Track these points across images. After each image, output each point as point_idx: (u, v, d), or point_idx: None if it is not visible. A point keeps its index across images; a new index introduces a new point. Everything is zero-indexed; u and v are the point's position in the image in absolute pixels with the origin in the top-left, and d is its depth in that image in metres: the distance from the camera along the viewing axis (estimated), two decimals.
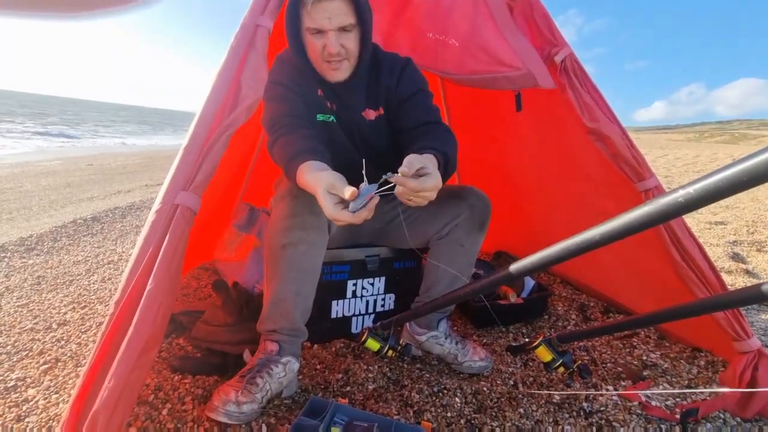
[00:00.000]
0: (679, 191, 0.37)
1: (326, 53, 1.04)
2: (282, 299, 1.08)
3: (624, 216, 0.43)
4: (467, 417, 1.08)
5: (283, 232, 1.05)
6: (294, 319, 1.10)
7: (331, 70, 1.08)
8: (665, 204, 0.39)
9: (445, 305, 0.99)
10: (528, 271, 0.61)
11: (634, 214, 0.42)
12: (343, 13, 1.00)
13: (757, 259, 2.57)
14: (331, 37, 1.02)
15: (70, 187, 4.73)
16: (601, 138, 1.20)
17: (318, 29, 1.01)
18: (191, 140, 0.89)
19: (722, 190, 0.34)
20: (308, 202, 1.02)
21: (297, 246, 1.05)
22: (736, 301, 0.72)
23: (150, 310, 0.73)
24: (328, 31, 1.01)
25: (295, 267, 1.07)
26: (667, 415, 1.08)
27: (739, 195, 4.94)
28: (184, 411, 1.03)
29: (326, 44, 1.02)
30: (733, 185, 0.33)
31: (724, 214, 3.90)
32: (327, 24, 1.00)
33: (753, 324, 1.64)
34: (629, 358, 1.36)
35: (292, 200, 1.05)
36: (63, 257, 2.23)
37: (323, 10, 0.98)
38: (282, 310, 1.09)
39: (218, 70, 0.96)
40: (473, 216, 1.22)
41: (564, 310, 1.71)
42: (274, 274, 1.08)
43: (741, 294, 0.66)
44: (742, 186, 0.33)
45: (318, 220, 1.05)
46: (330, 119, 1.18)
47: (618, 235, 0.44)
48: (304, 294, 1.10)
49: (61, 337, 1.39)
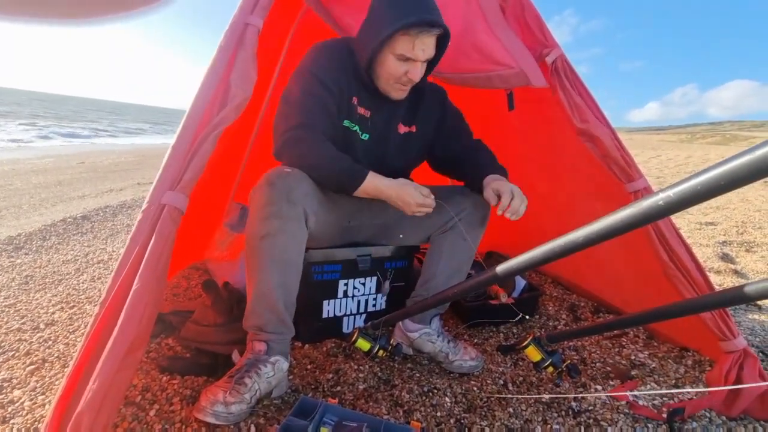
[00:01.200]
0: (660, 194, 0.38)
1: (407, 79, 1.12)
2: (264, 292, 1.07)
3: (606, 218, 0.43)
4: (457, 417, 1.08)
5: (260, 222, 1.04)
6: (279, 312, 1.08)
7: (399, 91, 1.18)
8: (647, 207, 0.39)
9: (434, 305, 0.99)
10: (515, 271, 0.61)
11: (617, 217, 0.42)
12: (433, 46, 1.10)
13: (745, 259, 2.61)
14: (419, 67, 1.11)
15: (61, 185, 4.67)
16: (591, 139, 1.21)
17: (409, 58, 1.09)
18: (179, 140, 0.88)
19: (700, 194, 0.35)
20: (285, 190, 1.04)
21: (276, 236, 1.04)
22: (722, 302, 0.73)
23: (136, 311, 0.72)
24: (418, 61, 1.09)
25: (275, 258, 1.06)
26: (654, 414, 1.09)
27: (728, 196, 5.03)
28: (172, 412, 1.02)
29: (411, 71, 1.11)
30: (711, 189, 0.33)
31: (714, 214, 3.95)
32: (421, 55, 1.08)
33: (740, 324, 1.66)
34: (618, 358, 1.37)
35: (268, 188, 1.04)
36: (52, 256, 2.20)
37: (424, 43, 1.07)
38: (266, 303, 1.07)
39: (207, 69, 0.95)
40: (476, 211, 1.28)
41: (554, 310, 1.72)
42: (254, 266, 1.07)
43: (726, 294, 0.67)
44: (720, 190, 0.33)
45: (295, 209, 1.05)
46: (354, 128, 1.21)
47: (600, 238, 0.45)
48: (286, 286, 1.09)
49: (49, 338, 1.37)
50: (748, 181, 0.32)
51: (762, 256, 2.64)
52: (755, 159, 0.30)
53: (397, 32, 1.04)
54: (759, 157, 0.30)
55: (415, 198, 1.11)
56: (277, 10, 1.24)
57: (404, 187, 1.13)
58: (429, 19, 1.03)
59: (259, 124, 1.92)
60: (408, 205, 1.12)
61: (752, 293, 0.61)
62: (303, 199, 1.06)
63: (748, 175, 0.32)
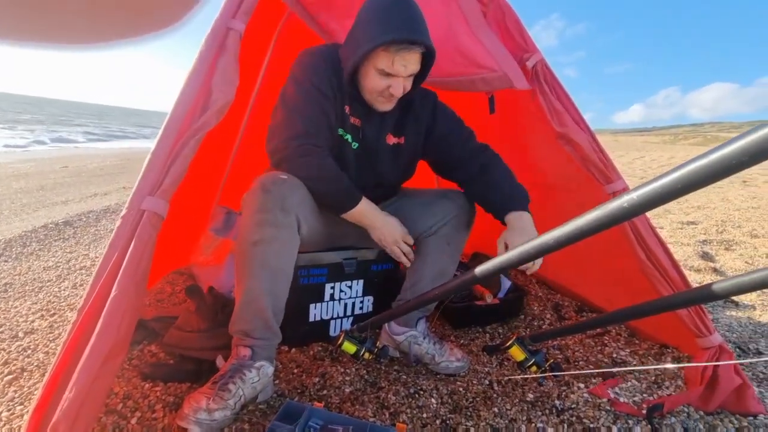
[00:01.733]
0: (624, 197, 0.39)
1: (389, 93, 1.11)
2: (253, 298, 1.06)
3: (575, 221, 0.44)
4: (442, 417, 1.09)
5: (254, 228, 1.04)
6: (266, 319, 1.08)
7: (383, 104, 1.17)
8: (612, 209, 0.40)
9: (417, 307, 1.00)
10: (493, 272, 0.62)
11: (584, 219, 0.43)
12: (416, 62, 1.09)
13: (725, 257, 2.67)
14: (400, 83, 1.10)
15: (43, 190, 4.57)
16: (570, 142, 1.23)
17: (390, 73, 1.08)
18: (159, 144, 0.88)
19: (661, 196, 0.36)
20: (280, 197, 1.04)
21: (269, 244, 1.04)
22: (696, 299, 0.75)
23: (114, 318, 0.71)
24: (399, 77, 1.08)
25: (267, 265, 1.06)
26: (634, 410, 1.11)
27: (709, 196, 5.14)
28: (155, 419, 1.00)
29: (392, 86, 1.10)
30: (670, 192, 0.35)
31: (695, 214, 4.04)
32: (402, 71, 1.07)
33: (718, 320, 1.70)
34: (600, 356, 1.40)
35: (263, 194, 1.04)
36: (32, 263, 2.16)
37: (405, 59, 1.05)
38: (254, 309, 1.07)
39: (188, 73, 0.95)
40: (461, 215, 1.29)
41: (539, 310, 1.74)
42: (244, 272, 1.06)
43: (700, 292, 0.69)
44: (678, 192, 0.35)
45: (289, 218, 1.05)
46: (347, 137, 1.21)
47: (570, 240, 0.46)
48: (275, 293, 1.09)
49: (28, 346, 1.34)
50: (704, 184, 0.33)
51: (740, 254, 2.71)
52: (709, 163, 0.32)
53: (377, 48, 1.03)
54: (713, 161, 0.31)
55: (395, 236, 1.20)
56: (260, 14, 1.24)
57: (389, 223, 1.20)
58: (410, 38, 1.02)
59: (244, 128, 1.91)
60: (387, 241, 1.21)
61: (722, 291, 0.63)
62: (297, 207, 1.06)
63: (703, 179, 0.33)
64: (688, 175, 0.33)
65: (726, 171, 0.30)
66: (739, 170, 0.30)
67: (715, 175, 0.32)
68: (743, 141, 0.29)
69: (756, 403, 1.11)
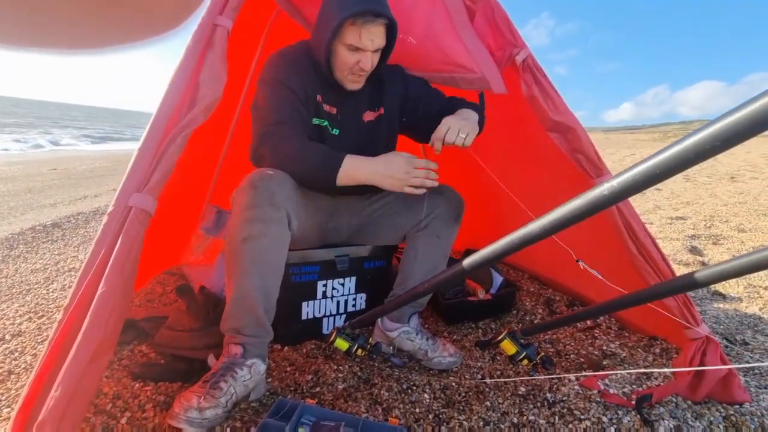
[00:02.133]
0: (605, 185, 0.40)
1: (358, 68, 1.14)
2: (244, 295, 1.06)
3: (559, 209, 0.45)
4: (435, 412, 1.10)
5: (243, 224, 1.04)
6: (258, 316, 1.07)
7: (353, 82, 1.20)
8: (593, 197, 0.41)
9: (409, 300, 1.00)
10: (480, 263, 0.63)
11: (567, 208, 0.44)
12: (381, 36, 1.13)
13: (712, 251, 2.71)
14: (368, 57, 1.13)
15: (31, 193, 4.50)
16: (566, 131, 1.23)
17: (359, 47, 1.11)
18: (146, 141, 0.87)
19: (639, 183, 0.37)
20: (269, 193, 1.04)
21: (258, 240, 1.04)
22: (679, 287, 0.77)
23: (101, 315, 0.71)
24: (367, 51, 1.12)
25: (257, 261, 1.05)
26: (624, 401, 1.12)
27: (698, 192, 5.21)
28: (145, 419, 1.00)
29: (361, 61, 1.13)
30: (648, 178, 0.35)
31: (684, 209, 4.10)
32: (369, 45, 1.11)
33: (706, 312, 1.73)
34: (591, 349, 1.41)
35: (252, 191, 1.04)
36: (20, 265, 2.12)
37: (371, 33, 1.10)
38: (245, 307, 1.06)
39: (175, 69, 0.94)
40: (450, 208, 1.30)
41: (531, 305, 1.76)
42: (235, 269, 1.06)
43: (681, 281, 0.70)
44: (656, 178, 0.35)
45: (278, 213, 1.05)
46: (324, 124, 1.23)
47: (555, 228, 0.46)
48: (267, 290, 1.09)
49: (15, 349, 1.32)
50: (679, 170, 0.34)
51: (728, 249, 2.75)
52: (683, 149, 0.32)
53: (344, 22, 1.08)
54: (686, 148, 0.32)
55: (404, 168, 1.08)
56: (248, 11, 1.23)
57: (390, 160, 1.11)
58: (373, 9, 1.07)
59: (234, 126, 1.90)
60: (398, 180, 1.09)
61: (704, 279, 0.64)
62: (286, 202, 1.06)
63: (680, 163, 0.34)
64: (665, 161, 0.34)
65: (699, 156, 0.31)
66: (712, 155, 0.31)
67: (689, 160, 0.32)
68: (714, 127, 0.30)
69: (742, 392, 1.13)
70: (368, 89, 1.28)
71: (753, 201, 4.41)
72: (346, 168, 1.10)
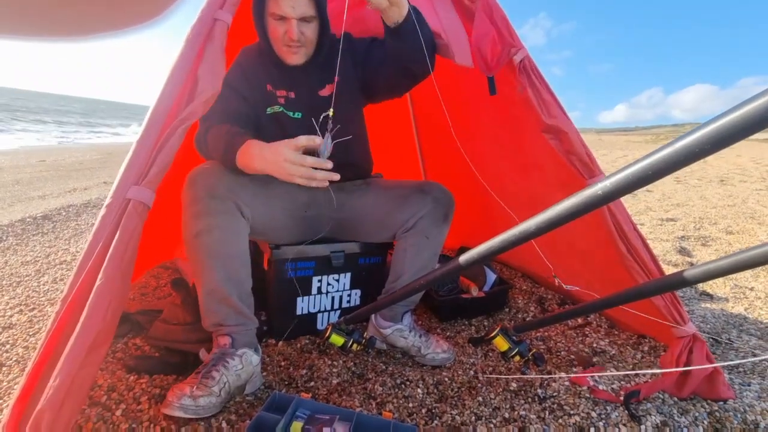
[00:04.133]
0: (598, 185, 0.41)
1: (287, 38, 1.15)
2: (213, 288, 1.07)
3: (554, 208, 0.46)
4: (428, 407, 1.11)
5: (191, 220, 1.05)
6: (234, 304, 1.08)
7: (290, 54, 1.19)
8: (587, 196, 0.42)
9: (402, 298, 1.01)
10: (475, 261, 0.64)
11: (562, 206, 0.45)
12: (305, 4, 1.12)
13: (701, 253, 2.77)
14: (293, 25, 1.13)
15: (19, 185, 4.44)
16: (559, 134, 1.25)
17: (282, 16, 1.12)
18: (145, 134, 0.87)
19: (632, 183, 0.38)
20: (208, 187, 1.05)
21: (210, 233, 1.05)
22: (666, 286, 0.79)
23: (99, 306, 0.71)
24: (291, 18, 1.12)
25: (214, 254, 1.06)
26: (612, 397, 1.15)
27: (689, 194, 5.29)
28: (140, 411, 1.00)
29: (288, 30, 1.14)
30: (640, 178, 0.37)
31: (674, 211, 4.17)
32: (291, 12, 1.11)
33: (693, 312, 1.77)
34: (581, 346, 1.44)
35: (190, 188, 1.06)
36: (9, 258, 2.10)
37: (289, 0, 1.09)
38: (217, 299, 1.08)
39: (174, 62, 0.94)
40: (437, 208, 1.28)
41: (524, 303, 1.78)
42: (197, 265, 1.08)
43: (668, 280, 0.72)
44: (648, 179, 0.37)
45: (224, 204, 1.06)
46: (278, 110, 1.24)
47: (550, 226, 0.48)
48: (235, 280, 1.09)
49: (6, 341, 1.31)
50: (670, 170, 0.35)
51: (716, 250, 2.81)
52: (675, 151, 0.34)
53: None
54: (677, 150, 0.33)
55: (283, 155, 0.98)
56: (248, 6, 1.23)
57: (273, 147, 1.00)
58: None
59: None
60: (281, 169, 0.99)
61: (691, 278, 0.66)
62: (230, 193, 1.07)
63: (670, 165, 0.35)
64: (656, 162, 0.35)
65: (689, 158, 0.33)
66: (702, 157, 0.32)
67: (680, 162, 0.34)
68: (704, 131, 0.31)
69: (726, 389, 1.16)
70: (319, 64, 1.25)
71: (741, 204, 4.50)
72: (240, 156, 1.03)
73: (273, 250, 1.30)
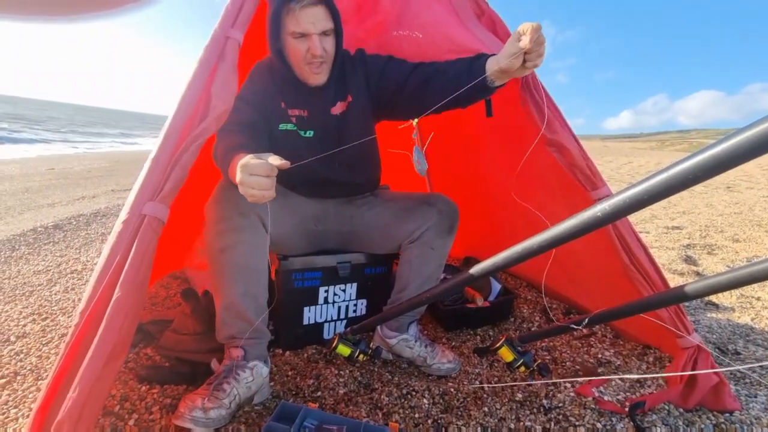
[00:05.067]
0: (597, 207, 0.43)
1: (310, 55, 1.12)
2: (231, 302, 1.10)
3: (555, 228, 0.48)
4: (434, 417, 1.12)
5: (216, 236, 1.07)
6: (250, 319, 1.11)
7: (313, 74, 1.17)
8: (587, 217, 0.44)
9: (409, 309, 1.03)
10: (480, 275, 0.66)
11: (563, 227, 0.47)
12: (324, 18, 1.11)
13: (707, 261, 2.75)
14: (315, 40, 1.10)
15: (29, 193, 4.51)
16: (560, 149, 1.28)
17: (303, 33, 1.10)
18: (160, 150, 0.90)
19: (630, 206, 0.40)
20: (235, 203, 1.06)
21: (234, 248, 1.07)
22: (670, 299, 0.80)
23: (116, 320, 0.73)
24: (312, 34, 1.10)
25: (236, 269, 1.09)
26: (617, 408, 1.15)
27: (695, 202, 5.26)
28: (152, 421, 1.02)
29: (311, 47, 1.11)
30: (636, 202, 0.39)
31: (680, 219, 4.15)
32: (312, 28, 1.09)
33: (699, 322, 1.76)
34: (586, 357, 1.44)
35: (218, 204, 1.08)
36: (22, 267, 2.14)
37: (309, 15, 1.08)
38: (234, 313, 1.10)
39: (188, 80, 0.98)
40: (442, 220, 1.29)
41: (529, 313, 1.79)
42: (218, 279, 1.10)
43: (672, 293, 0.73)
44: (644, 203, 0.39)
45: (248, 220, 1.08)
46: (290, 128, 1.23)
47: (552, 244, 0.50)
48: (252, 294, 1.12)
49: (20, 350, 1.34)
50: (666, 194, 0.37)
51: (722, 258, 2.80)
52: (669, 177, 0.36)
53: (281, 12, 1.08)
54: (672, 175, 0.35)
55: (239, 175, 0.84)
56: (258, 23, 1.27)
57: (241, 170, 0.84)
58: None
59: None
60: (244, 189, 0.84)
61: (694, 292, 0.67)
62: (254, 208, 1.08)
63: (665, 190, 0.37)
64: (652, 188, 0.37)
65: (683, 184, 0.35)
66: (694, 184, 0.34)
67: (674, 187, 0.36)
68: (697, 158, 0.33)
69: (732, 400, 1.16)
70: (333, 81, 1.24)
71: (748, 211, 4.47)
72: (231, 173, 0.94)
73: (281, 261, 1.33)
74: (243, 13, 1.10)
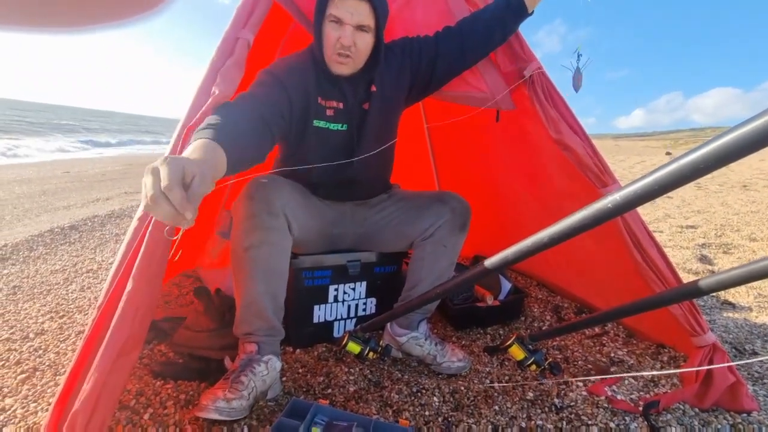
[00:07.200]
0: (608, 198, 0.43)
1: (339, 44, 1.11)
2: (252, 301, 1.11)
3: (566, 220, 0.48)
4: (444, 415, 1.12)
5: (244, 234, 1.09)
6: (268, 318, 1.13)
7: (337, 63, 1.15)
8: (597, 209, 0.44)
9: (419, 306, 1.03)
10: (489, 271, 0.66)
11: (574, 218, 0.47)
12: (364, 13, 1.09)
13: (723, 260, 2.70)
14: (348, 31, 1.09)
15: (45, 195, 4.62)
16: (566, 148, 1.27)
17: (339, 19, 1.09)
18: (172, 151, 0.92)
19: (640, 197, 0.40)
20: (265, 201, 1.08)
21: (260, 248, 1.09)
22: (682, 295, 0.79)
23: (128, 313, 0.75)
24: (347, 24, 1.09)
25: (260, 268, 1.10)
26: (631, 407, 1.14)
27: (709, 200, 5.16)
28: (166, 415, 1.04)
29: (341, 36, 1.10)
30: (647, 192, 0.39)
31: (695, 218, 4.07)
32: (348, 18, 1.08)
33: (715, 321, 1.73)
34: (598, 356, 1.43)
35: (248, 201, 1.09)
36: (40, 266, 2.19)
37: (350, 5, 1.07)
38: (254, 311, 1.12)
39: (199, 83, 0.99)
40: (455, 218, 1.30)
41: (539, 312, 1.77)
42: (241, 276, 1.11)
43: (684, 289, 0.72)
44: (655, 193, 0.38)
45: (277, 220, 1.09)
46: (326, 126, 1.21)
47: (562, 237, 0.50)
48: (272, 293, 1.14)
49: (39, 347, 1.38)
50: (677, 185, 0.37)
51: (738, 258, 2.74)
52: (680, 167, 0.35)
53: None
54: (683, 165, 0.35)
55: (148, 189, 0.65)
56: (268, 24, 1.28)
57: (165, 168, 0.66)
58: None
59: None
60: None
61: (708, 286, 0.66)
62: (284, 208, 1.10)
63: (676, 180, 0.37)
64: (663, 178, 0.37)
65: (694, 174, 0.34)
66: (707, 173, 0.34)
67: (686, 177, 0.35)
68: (708, 148, 0.33)
69: (750, 400, 1.14)
70: (365, 75, 1.22)
71: (766, 210, 4.37)
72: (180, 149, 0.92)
73: (291, 260, 1.34)
74: (255, 15, 1.12)
